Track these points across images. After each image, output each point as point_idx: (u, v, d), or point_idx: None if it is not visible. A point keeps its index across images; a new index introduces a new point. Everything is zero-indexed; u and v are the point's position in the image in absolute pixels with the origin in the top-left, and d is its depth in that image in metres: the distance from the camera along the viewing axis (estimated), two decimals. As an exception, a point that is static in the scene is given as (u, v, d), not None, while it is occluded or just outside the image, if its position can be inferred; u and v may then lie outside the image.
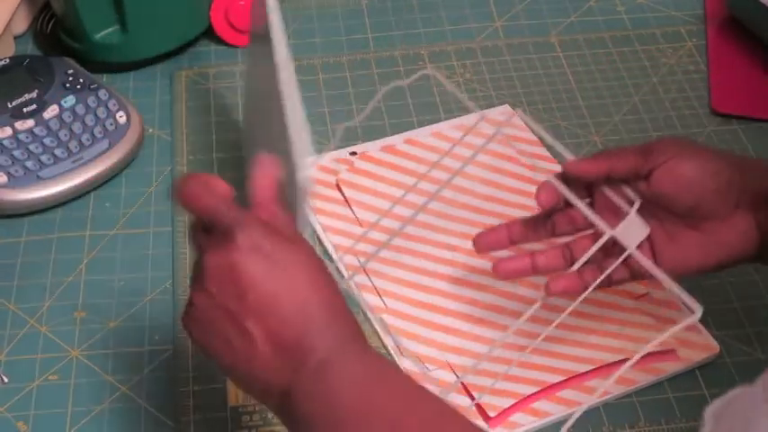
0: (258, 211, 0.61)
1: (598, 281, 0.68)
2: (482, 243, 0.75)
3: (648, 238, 0.67)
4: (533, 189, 0.70)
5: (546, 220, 0.72)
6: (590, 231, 0.71)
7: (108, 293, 0.83)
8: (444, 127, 0.95)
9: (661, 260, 0.68)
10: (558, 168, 0.91)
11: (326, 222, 0.86)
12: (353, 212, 0.87)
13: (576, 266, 0.68)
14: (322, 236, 0.86)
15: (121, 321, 0.81)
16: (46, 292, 0.83)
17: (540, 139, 0.91)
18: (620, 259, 0.67)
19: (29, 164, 0.88)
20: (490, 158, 0.91)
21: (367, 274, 0.82)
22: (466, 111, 0.97)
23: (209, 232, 0.59)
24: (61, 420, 0.74)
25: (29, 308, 0.82)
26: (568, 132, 0.95)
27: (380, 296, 0.81)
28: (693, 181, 0.65)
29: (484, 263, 0.82)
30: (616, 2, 1.11)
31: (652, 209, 0.67)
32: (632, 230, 0.66)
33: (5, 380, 0.77)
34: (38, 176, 0.88)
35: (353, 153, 0.93)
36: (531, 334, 0.75)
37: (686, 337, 0.77)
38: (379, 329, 0.79)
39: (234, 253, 0.57)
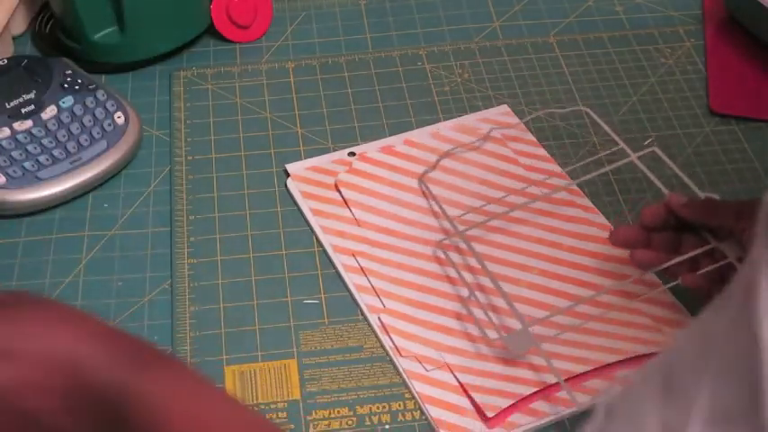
0: None
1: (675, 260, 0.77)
2: (618, 237, 0.80)
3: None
4: (531, 189, 0.71)
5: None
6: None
7: (107, 294, 0.83)
8: (443, 127, 0.95)
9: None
10: (555, 168, 0.91)
11: (325, 224, 0.86)
12: (352, 213, 0.87)
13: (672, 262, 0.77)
14: (321, 237, 0.86)
15: (120, 322, 0.81)
16: (45, 292, 0.83)
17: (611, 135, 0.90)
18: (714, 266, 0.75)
19: (27, 164, 0.88)
20: (488, 159, 0.91)
21: (365, 275, 0.82)
22: (464, 111, 0.97)
23: None
24: (60, 421, 0.74)
25: (27, 308, 0.82)
26: (567, 132, 0.95)
27: (379, 296, 0.81)
28: None
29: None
30: (614, 2, 1.11)
31: None
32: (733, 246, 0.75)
33: (4, 380, 0.77)
34: (36, 177, 0.88)
35: (352, 154, 0.93)
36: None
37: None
38: (377, 330, 0.79)
39: None
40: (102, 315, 0.80)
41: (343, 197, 0.88)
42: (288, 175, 0.91)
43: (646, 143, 0.94)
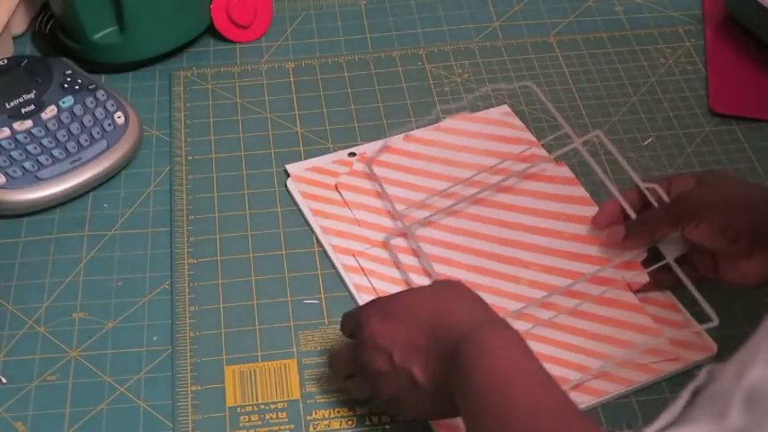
0: None
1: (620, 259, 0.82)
2: (599, 221, 0.84)
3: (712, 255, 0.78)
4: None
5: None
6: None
7: (106, 294, 0.83)
8: (445, 125, 0.95)
9: (722, 273, 0.78)
10: (555, 169, 0.91)
11: (325, 224, 0.86)
12: (353, 213, 0.87)
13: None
14: (321, 237, 0.86)
15: (120, 322, 0.81)
16: (44, 292, 0.83)
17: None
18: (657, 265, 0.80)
19: (27, 164, 0.88)
20: (485, 157, 0.91)
21: (366, 275, 0.82)
22: (462, 109, 0.97)
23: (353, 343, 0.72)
24: (60, 421, 0.74)
25: (27, 308, 0.82)
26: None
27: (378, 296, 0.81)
28: (709, 238, 0.76)
29: (482, 261, 0.83)
30: (614, 2, 1.11)
31: None
32: (671, 248, 0.80)
33: (4, 380, 0.77)
34: (36, 177, 0.88)
35: (352, 154, 0.93)
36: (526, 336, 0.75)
37: (685, 337, 0.78)
38: None
39: (365, 331, 0.69)
40: (102, 315, 0.81)
41: (343, 199, 0.88)
42: (288, 175, 0.91)
43: (645, 143, 0.94)
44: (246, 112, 0.98)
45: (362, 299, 0.81)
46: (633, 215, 0.81)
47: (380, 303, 0.71)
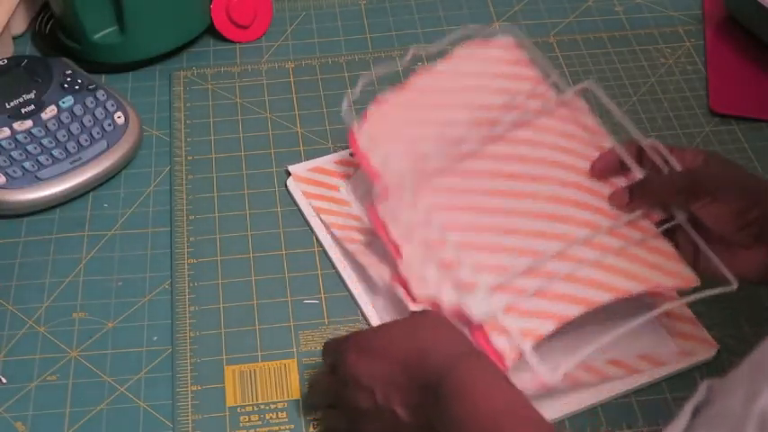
0: None
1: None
2: (596, 168, 0.81)
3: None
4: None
5: None
6: None
7: (106, 294, 0.83)
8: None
9: (732, 262, 0.75)
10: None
11: (330, 220, 0.86)
12: (355, 209, 0.87)
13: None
14: (321, 236, 0.86)
15: (120, 322, 0.81)
16: (44, 292, 0.83)
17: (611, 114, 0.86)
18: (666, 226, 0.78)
19: (27, 165, 0.88)
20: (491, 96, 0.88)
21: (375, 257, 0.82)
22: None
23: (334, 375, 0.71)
24: (60, 421, 0.74)
25: (27, 308, 0.82)
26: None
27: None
28: (720, 220, 0.74)
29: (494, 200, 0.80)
30: (614, 2, 1.11)
31: None
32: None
33: (4, 380, 0.77)
34: (36, 177, 0.88)
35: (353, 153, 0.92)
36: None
37: (686, 330, 0.78)
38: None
39: (346, 368, 0.69)
40: (102, 315, 0.81)
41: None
42: (288, 174, 0.91)
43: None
44: (246, 112, 0.98)
45: (374, 270, 0.80)
46: (637, 171, 0.79)
47: (360, 338, 0.70)
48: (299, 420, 0.74)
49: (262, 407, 0.75)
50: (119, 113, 0.93)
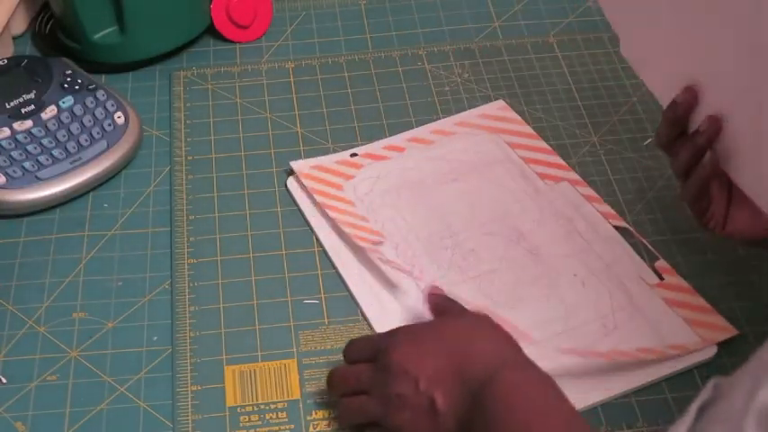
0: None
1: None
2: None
3: (725, 203, 0.75)
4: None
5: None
6: None
7: (106, 294, 0.83)
8: (445, 123, 0.95)
9: (732, 222, 0.75)
10: (556, 159, 0.90)
11: (342, 218, 0.86)
12: (360, 209, 0.87)
13: None
14: (320, 234, 0.86)
15: (120, 322, 0.81)
16: (44, 292, 0.83)
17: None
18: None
19: (27, 165, 0.88)
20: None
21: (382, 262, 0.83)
22: (464, 110, 0.97)
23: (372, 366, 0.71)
24: (60, 421, 0.74)
25: (27, 308, 0.82)
26: (567, 132, 0.95)
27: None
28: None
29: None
30: (614, 2, 1.11)
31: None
32: None
33: (4, 380, 0.77)
34: (36, 177, 0.88)
35: (354, 155, 0.92)
36: None
37: (704, 318, 0.78)
38: (376, 330, 0.79)
39: (393, 356, 0.69)
40: (102, 315, 0.81)
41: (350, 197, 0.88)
42: (289, 173, 0.91)
43: (645, 143, 0.94)
44: (246, 112, 0.98)
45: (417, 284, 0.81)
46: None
47: (413, 330, 0.72)
48: (299, 420, 0.74)
49: (262, 407, 0.75)
50: (119, 113, 0.93)
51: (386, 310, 0.80)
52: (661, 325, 0.78)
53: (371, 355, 0.71)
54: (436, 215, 0.87)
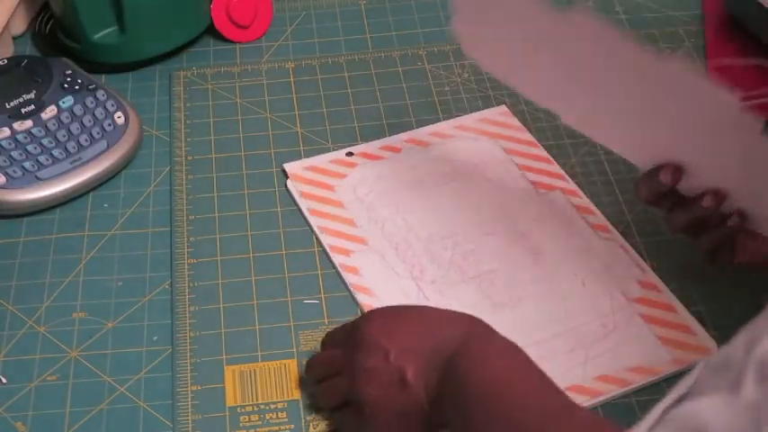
0: None
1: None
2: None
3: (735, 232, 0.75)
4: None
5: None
6: None
7: (106, 294, 0.83)
8: (444, 127, 0.95)
9: (743, 250, 0.76)
10: (555, 168, 0.91)
11: (322, 224, 0.86)
12: (349, 213, 0.87)
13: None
14: (321, 237, 0.86)
15: (120, 322, 0.81)
16: (44, 292, 0.83)
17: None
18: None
19: (27, 165, 0.88)
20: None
21: (360, 275, 0.83)
22: (464, 111, 0.97)
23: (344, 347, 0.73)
24: (60, 421, 0.74)
25: (27, 308, 0.82)
26: (567, 133, 0.95)
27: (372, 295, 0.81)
28: None
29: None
30: (614, 2, 1.11)
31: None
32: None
33: (4, 380, 0.77)
34: (36, 177, 0.88)
35: (350, 154, 0.93)
36: None
37: (681, 338, 0.78)
38: None
39: (364, 332, 0.70)
40: (102, 315, 0.81)
41: (341, 200, 0.88)
42: (287, 174, 0.91)
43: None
44: (246, 112, 0.98)
45: (360, 297, 0.81)
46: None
47: (385, 309, 0.73)
48: (299, 420, 0.74)
49: (262, 407, 0.75)
50: (119, 113, 0.93)
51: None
52: (633, 345, 0.77)
53: (345, 338, 0.72)
54: (436, 215, 0.87)
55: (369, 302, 0.81)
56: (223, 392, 0.76)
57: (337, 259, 0.84)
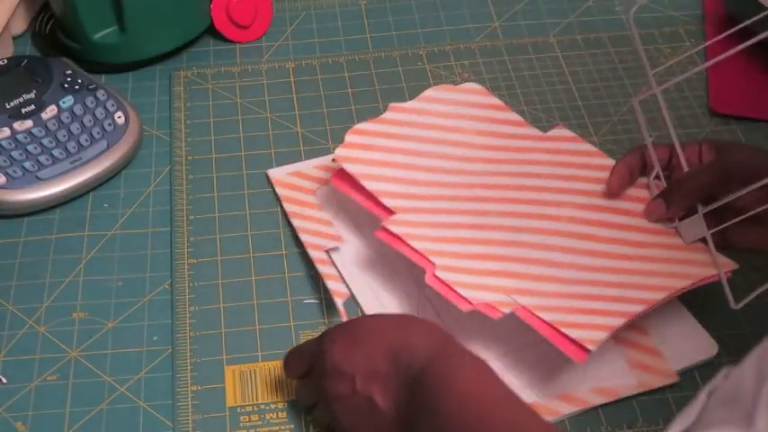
0: None
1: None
2: (614, 186, 0.82)
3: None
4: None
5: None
6: None
7: (106, 294, 0.83)
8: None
9: (743, 236, 0.78)
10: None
11: (300, 225, 0.86)
12: (334, 216, 0.86)
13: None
14: (301, 237, 0.85)
15: (120, 322, 0.81)
16: (45, 292, 0.83)
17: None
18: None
19: (27, 164, 0.88)
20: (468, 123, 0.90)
21: (345, 282, 0.82)
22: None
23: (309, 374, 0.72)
24: (60, 421, 0.75)
25: (28, 308, 0.82)
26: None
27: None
28: (756, 200, 0.75)
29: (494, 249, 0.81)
30: (614, 2, 1.11)
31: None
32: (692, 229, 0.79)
33: (4, 380, 0.77)
34: (36, 177, 0.88)
35: (335, 160, 0.91)
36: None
37: (646, 361, 0.76)
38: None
39: (327, 359, 0.69)
40: (102, 315, 0.81)
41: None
42: (270, 181, 0.91)
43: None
44: (246, 112, 0.98)
45: (338, 303, 0.80)
46: (662, 178, 0.81)
47: (344, 327, 0.71)
48: (299, 420, 0.74)
49: (262, 407, 0.75)
50: (119, 113, 0.93)
51: (386, 310, 0.80)
52: (600, 365, 0.76)
53: (311, 360, 0.71)
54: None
55: (337, 288, 0.81)
56: (223, 392, 0.76)
57: (314, 255, 0.83)
